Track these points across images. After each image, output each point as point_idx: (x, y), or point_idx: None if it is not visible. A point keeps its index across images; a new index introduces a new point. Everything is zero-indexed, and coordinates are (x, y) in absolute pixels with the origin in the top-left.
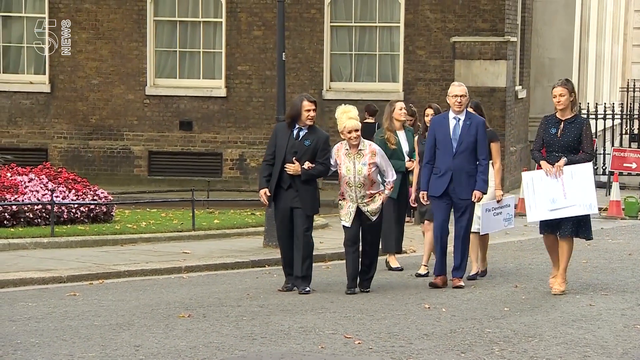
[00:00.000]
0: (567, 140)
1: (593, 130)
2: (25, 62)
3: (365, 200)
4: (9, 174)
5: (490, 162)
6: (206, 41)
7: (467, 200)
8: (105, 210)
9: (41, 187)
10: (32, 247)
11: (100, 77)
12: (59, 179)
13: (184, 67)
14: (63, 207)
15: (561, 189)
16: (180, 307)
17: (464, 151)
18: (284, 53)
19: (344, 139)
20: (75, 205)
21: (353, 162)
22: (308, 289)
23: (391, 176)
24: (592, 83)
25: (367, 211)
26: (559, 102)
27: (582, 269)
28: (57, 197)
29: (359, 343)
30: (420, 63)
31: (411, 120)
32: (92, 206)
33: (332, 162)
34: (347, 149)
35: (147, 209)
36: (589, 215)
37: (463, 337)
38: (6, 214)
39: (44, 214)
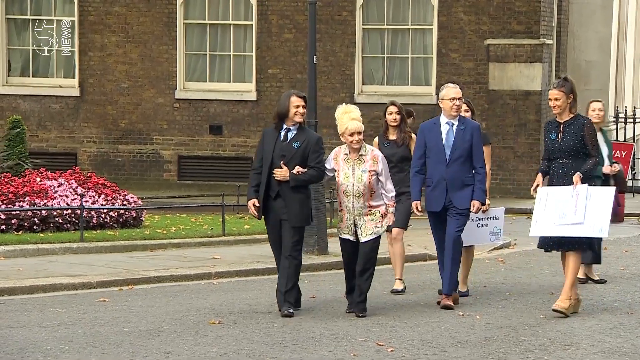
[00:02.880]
0: (568, 145)
1: (630, 135)
2: (55, 66)
3: (363, 213)
4: (38, 179)
5: None
6: (236, 44)
7: (462, 210)
8: (134, 215)
9: (70, 192)
10: (61, 253)
11: (129, 81)
12: (89, 183)
13: (214, 70)
14: (92, 212)
15: (573, 206)
16: (210, 314)
17: (458, 159)
18: (315, 56)
19: (344, 143)
20: (105, 210)
21: (352, 168)
22: (291, 310)
23: (390, 191)
24: (630, 86)
25: (361, 227)
26: (554, 106)
27: (620, 276)
28: (86, 202)
29: (391, 351)
30: (454, 66)
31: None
32: (122, 211)
33: (328, 166)
34: (346, 154)
35: (177, 214)
36: (600, 239)
37: (498, 345)
38: (36, 219)
39: (74, 219)
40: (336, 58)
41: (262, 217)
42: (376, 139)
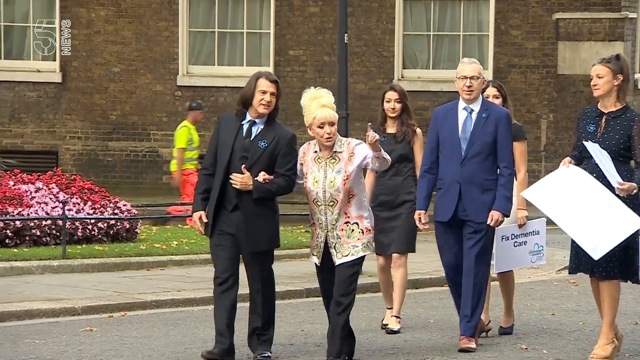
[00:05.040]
0: (610, 143)
1: None
2: (32, 46)
3: (338, 227)
4: (11, 182)
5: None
6: (250, 20)
7: (481, 224)
8: (127, 226)
9: (50, 199)
10: (39, 272)
11: (122, 65)
12: (72, 188)
13: (223, 51)
14: (77, 223)
15: (592, 206)
16: None
17: (477, 155)
18: (346, 34)
19: (314, 138)
20: (92, 221)
21: (324, 170)
22: (268, 354)
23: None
24: None
25: (334, 246)
26: (595, 85)
27: None
28: (69, 210)
29: None
30: (515, 46)
31: None
32: (112, 222)
33: (298, 172)
34: (316, 152)
35: (179, 225)
36: (636, 253)
37: None
38: (8, 232)
39: (54, 232)
40: (371, 36)
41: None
42: None
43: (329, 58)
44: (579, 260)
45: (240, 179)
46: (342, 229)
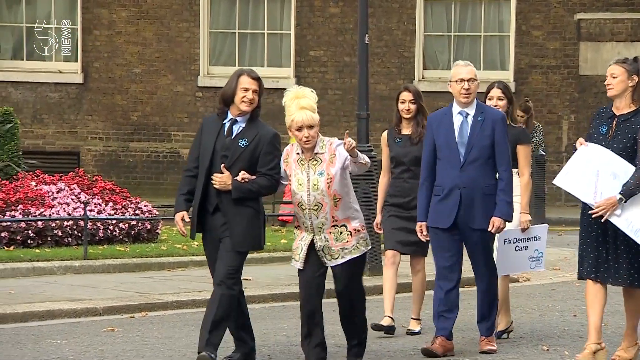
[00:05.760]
0: (618, 146)
1: None
2: (53, 47)
3: (325, 230)
4: (33, 183)
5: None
6: (271, 21)
7: (482, 231)
8: (149, 227)
9: (72, 199)
10: (61, 272)
11: (143, 65)
12: (94, 189)
13: (244, 52)
14: (98, 224)
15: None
16: None
17: (476, 160)
18: (367, 35)
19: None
20: (113, 221)
21: (307, 172)
22: (213, 356)
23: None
24: None
25: (322, 249)
26: (608, 85)
27: None
28: (91, 211)
29: None
30: (536, 46)
31: (523, 117)
32: (134, 222)
33: (282, 172)
34: (298, 153)
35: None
36: None
37: None
38: (30, 232)
39: (76, 232)
40: (392, 37)
41: (196, 235)
42: (384, 134)
43: (350, 59)
44: (598, 267)
45: (219, 179)
46: (330, 232)
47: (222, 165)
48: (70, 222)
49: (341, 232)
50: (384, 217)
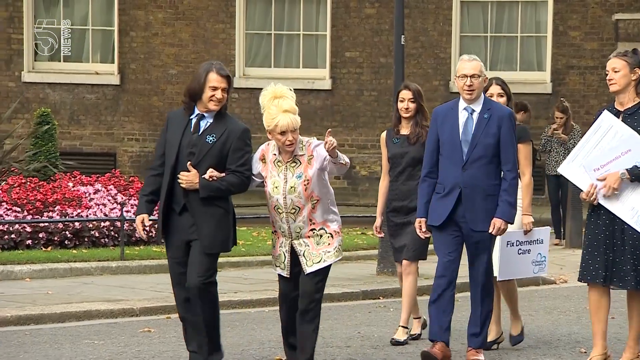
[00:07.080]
0: None
1: None
2: (90, 48)
3: (303, 234)
4: (70, 184)
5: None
6: (307, 22)
7: (483, 233)
8: None
9: (109, 200)
10: (98, 273)
11: (179, 67)
12: (130, 190)
13: (280, 53)
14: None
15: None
16: (276, 348)
17: (480, 159)
18: (402, 36)
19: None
20: (150, 222)
21: (284, 174)
22: None
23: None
24: None
25: (304, 254)
26: (610, 80)
27: None
28: (127, 212)
29: None
30: (574, 47)
31: (562, 118)
32: None
33: (255, 170)
34: (275, 154)
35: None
36: None
37: None
38: (68, 233)
39: (113, 233)
40: (428, 38)
41: (162, 240)
42: (383, 134)
43: (385, 60)
44: (605, 271)
45: (185, 177)
46: (309, 236)
47: (189, 163)
48: (107, 223)
49: (321, 236)
50: (385, 227)
